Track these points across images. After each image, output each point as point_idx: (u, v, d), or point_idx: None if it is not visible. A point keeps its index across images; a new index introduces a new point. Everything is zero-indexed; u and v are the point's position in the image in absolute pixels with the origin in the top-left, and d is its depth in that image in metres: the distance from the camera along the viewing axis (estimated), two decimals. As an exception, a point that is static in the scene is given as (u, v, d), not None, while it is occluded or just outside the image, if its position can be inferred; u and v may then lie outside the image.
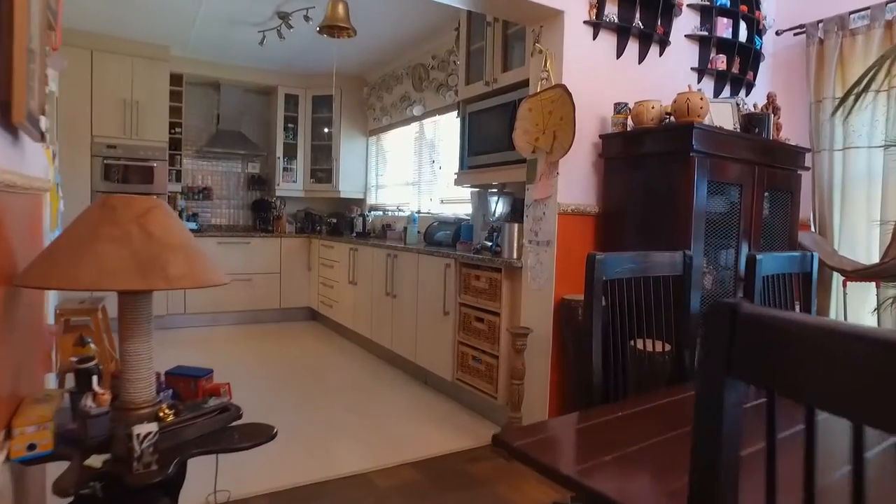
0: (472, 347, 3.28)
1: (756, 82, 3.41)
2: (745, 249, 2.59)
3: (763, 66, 3.46)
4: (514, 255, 2.97)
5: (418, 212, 5.24)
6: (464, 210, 4.47)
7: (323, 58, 5.58)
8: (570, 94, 2.56)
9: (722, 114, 2.61)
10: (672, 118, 2.56)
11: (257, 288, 5.80)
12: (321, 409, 3.31)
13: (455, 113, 4.29)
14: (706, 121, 2.44)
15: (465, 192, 4.34)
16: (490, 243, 3.19)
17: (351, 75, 6.14)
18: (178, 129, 5.64)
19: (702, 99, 2.36)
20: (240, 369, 4.05)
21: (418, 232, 4.53)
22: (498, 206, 3.80)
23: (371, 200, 6.29)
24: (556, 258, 2.67)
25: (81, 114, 4.96)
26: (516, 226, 2.96)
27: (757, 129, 2.64)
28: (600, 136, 2.76)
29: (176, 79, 5.61)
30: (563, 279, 2.71)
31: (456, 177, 3.75)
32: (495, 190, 3.81)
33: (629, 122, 2.69)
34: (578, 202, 2.75)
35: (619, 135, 2.67)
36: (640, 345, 1.70)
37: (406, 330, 3.99)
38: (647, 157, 2.54)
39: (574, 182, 2.73)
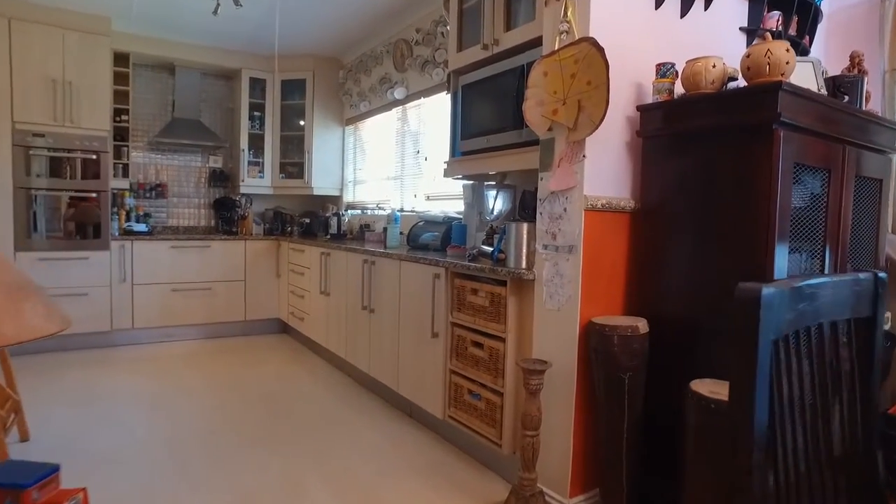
0: (468, 379, 2.61)
1: (812, 49, 2.78)
2: (829, 259, 1.96)
3: (819, 30, 2.84)
4: (523, 264, 2.31)
5: (401, 210, 4.56)
6: (454, 207, 3.80)
7: (292, 36, 4.88)
8: (601, 50, 1.90)
9: (800, 75, 1.96)
10: (737, 82, 1.91)
11: (218, 298, 5.08)
12: (279, 458, 2.62)
13: (444, 92, 3.62)
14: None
15: (456, 186, 3.68)
16: (490, 248, 2.52)
17: (325, 56, 5.44)
18: (124, 117, 4.90)
19: (788, 51, 1.71)
20: (184, 401, 3.34)
21: (401, 233, 3.85)
22: (497, 202, 3.13)
23: (348, 198, 5.59)
24: (583, 269, 2.01)
25: None
26: (525, 226, 2.30)
27: (847, 97, 2.00)
28: (638, 108, 2.11)
29: (122, 59, 4.88)
30: (590, 297, 2.05)
31: (446, 166, 3.08)
32: (493, 183, 3.15)
33: (677, 87, 2.04)
34: (610, 195, 2.09)
35: (665, 105, 2.01)
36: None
37: (386, 352, 3.31)
38: (706, 133, 1.88)
39: (604, 169, 2.07)
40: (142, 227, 4.90)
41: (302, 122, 5.47)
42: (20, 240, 4.32)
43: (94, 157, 4.52)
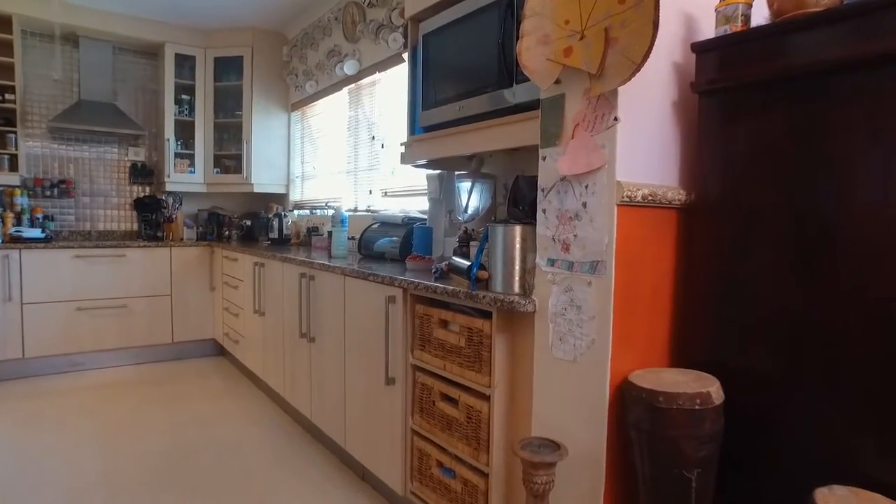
0: (437, 447, 1.85)
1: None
2: None
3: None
4: (516, 287, 1.55)
5: (354, 209, 3.78)
6: (419, 205, 3.04)
7: (226, 4, 4.04)
8: (645, -57, 1.16)
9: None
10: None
11: (138, 316, 4.20)
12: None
13: (402, 52, 2.86)
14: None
15: (420, 178, 2.92)
16: (464, 262, 1.76)
17: (266, 30, 4.60)
18: (9, 96, 3.98)
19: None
20: (68, 465, 2.49)
21: (350, 238, 3.07)
22: (471, 198, 2.38)
23: (295, 196, 4.77)
24: (615, 298, 1.27)
25: None
26: (518, 230, 1.54)
27: None
28: (693, 49, 1.38)
29: (3, 24, 3.95)
30: (625, 340, 1.31)
31: (403, 150, 2.32)
32: (465, 172, 2.40)
33: (755, 11, 1.32)
34: (653, 182, 1.35)
35: (741, 38, 1.29)
36: None
37: (330, 395, 2.53)
38: (820, 75, 1.16)
39: (645, 141, 1.34)
40: (35, 233, 3.99)
41: (240, 108, 4.62)
42: None
43: (-33, 145, 3.61)
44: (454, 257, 1.91)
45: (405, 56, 2.52)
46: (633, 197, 1.28)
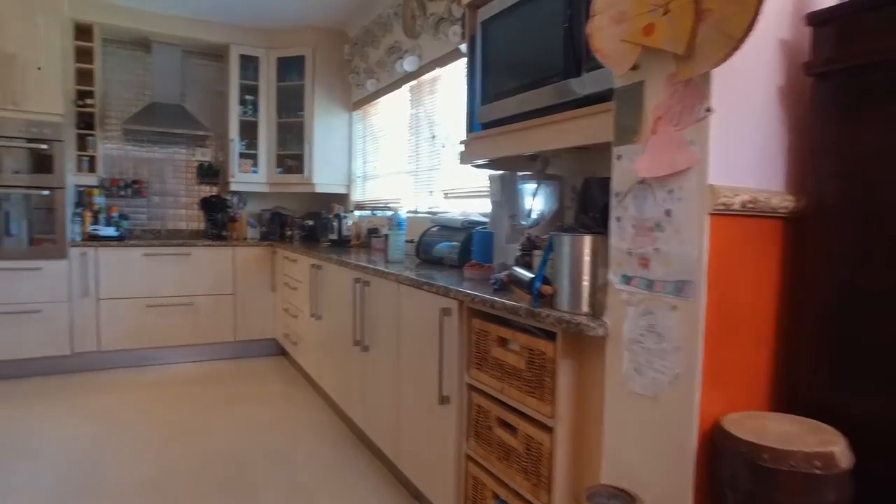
0: (493, 477, 1.68)
1: None
2: None
3: None
4: (585, 307, 1.35)
5: (414, 211, 3.65)
6: (481, 208, 2.87)
7: (288, 4, 4.02)
8: None
9: None
10: None
11: (202, 315, 4.26)
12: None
13: (463, 56, 2.70)
14: None
15: (483, 178, 2.75)
16: (526, 274, 1.58)
17: (327, 28, 4.56)
18: (90, 101, 4.12)
19: None
20: (125, 463, 2.49)
21: (408, 241, 2.93)
22: (535, 202, 2.19)
23: (357, 196, 4.71)
24: (706, 324, 1.05)
25: (-71, 75, 3.46)
26: (588, 241, 1.34)
27: None
28: (808, 19, 1.13)
29: (85, 32, 4.10)
30: (718, 376, 1.09)
31: (462, 149, 2.15)
32: (530, 173, 2.21)
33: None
34: (754, 186, 1.12)
35: (867, 5, 1.04)
36: None
37: (382, 408, 2.40)
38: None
39: (743, 136, 1.11)
40: (110, 231, 4.12)
41: (302, 108, 4.60)
42: (-42, 248, 3.58)
43: (45, 146, 3.74)
44: (515, 268, 1.73)
45: (463, 48, 2.35)
46: (730, 204, 1.05)
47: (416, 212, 3.63)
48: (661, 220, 1.13)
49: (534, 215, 2.21)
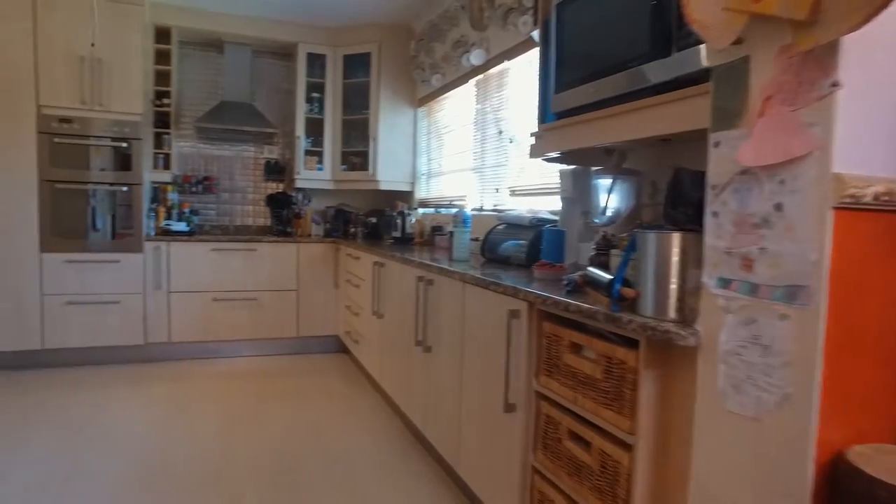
0: (562, 493, 1.55)
1: None
2: None
3: None
4: (672, 312, 1.21)
5: (479, 209, 3.55)
6: (551, 206, 2.74)
7: (357, 2, 4.02)
8: None
9: None
10: None
11: (266, 310, 4.33)
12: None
13: (532, 31, 2.59)
14: None
15: (552, 175, 2.63)
16: (604, 275, 1.45)
17: (393, 24, 4.53)
18: (166, 101, 4.26)
19: None
20: (188, 455, 2.52)
21: (472, 240, 2.84)
22: (611, 198, 2.04)
23: (421, 193, 4.66)
24: (826, 337, 0.90)
25: (21, 77, 3.66)
26: (677, 239, 1.20)
27: None
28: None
29: (164, 35, 4.25)
30: (840, 399, 0.93)
31: (533, 142, 2.03)
32: (602, 168, 2.06)
33: None
34: (891, 175, 0.95)
35: None
36: None
37: (443, 412, 2.32)
38: None
39: (875, 118, 0.94)
40: (181, 227, 4.24)
41: (367, 105, 4.59)
42: (46, 240, 3.77)
43: (125, 145, 3.89)
44: (590, 268, 1.60)
45: (535, 35, 2.24)
46: (860, 196, 0.89)
47: (480, 209, 3.53)
48: (770, 215, 0.98)
49: (608, 212, 2.06)
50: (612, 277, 1.40)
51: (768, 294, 0.98)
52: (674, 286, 1.22)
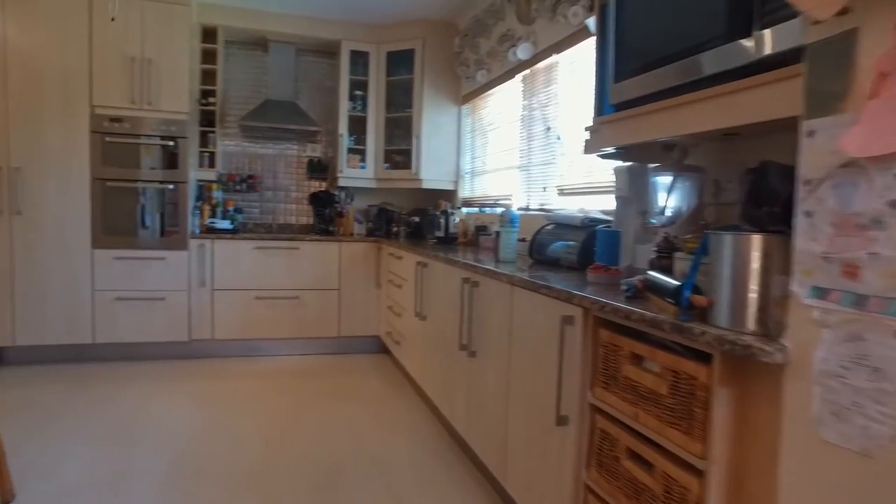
0: (619, 517, 1.43)
1: None
2: None
3: None
4: (750, 323, 1.08)
5: (525, 208, 3.43)
6: (600, 205, 2.60)
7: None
8: None
9: None
10: None
11: (308, 309, 4.31)
12: None
13: (582, 40, 2.46)
14: None
15: (603, 173, 2.49)
16: (670, 280, 1.32)
17: (437, 20, 4.45)
18: (212, 100, 4.30)
19: None
20: (228, 455, 2.50)
21: (520, 240, 2.72)
22: (671, 197, 1.89)
23: (464, 192, 4.56)
24: (955, 363, 0.76)
25: (77, 78, 3.73)
26: (758, 240, 1.07)
27: None
28: None
29: (211, 35, 4.28)
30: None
31: (588, 137, 1.91)
32: (663, 164, 1.91)
33: None
34: None
35: None
36: None
37: (488, 420, 2.21)
38: None
39: None
40: (225, 225, 4.27)
41: (410, 102, 4.53)
42: (97, 236, 3.85)
43: (172, 143, 3.93)
44: (652, 272, 1.47)
45: (589, 22, 2.11)
46: None
47: (526, 209, 3.41)
48: (882, 214, 0.84)
49: (668, 212, 1.92)
50: (679, 283, 1.27)
51: (880, 307, 0.84)
52: (754, 295, 1.09)
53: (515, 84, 3.64)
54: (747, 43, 1.16)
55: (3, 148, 3.64)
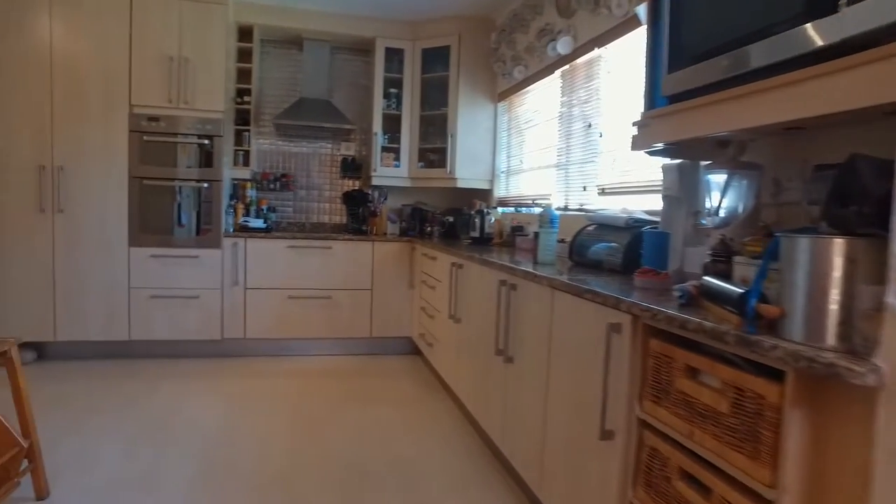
0: (671, 543, 1.31)
1: None
2: None
3: None
4: (828, 336, 0.95)
5: (563, 208, 3.31)
6: (644, 205, 2.47)
7: (431, -12, 3.89)
8: None
9: None
10: None
11: (340, 308, 4.27)
12: None
13: (626, 32, 2.34)
14: None
15: (647, 171, 2.36)
16: (731, 287, 1.20)
17: (473, 16, 4.36)
18: (247, 98, 4.30)
19: None
20: (257, 454, 2.46)
21: (559, 241, 2.61)
22: (725, 197, 1.76)
23: (500, 192, 4.46)
24: None
25: (117, 78, 3.77)
26: (840, 245, 0.95)
27: None
28: None
29: (246, 34, 4.29)
30: None
31: (636, 132, 1.79)
32: (717, 161, 1.78)
33: None
34: None
35: None
36: None
37: (525, 429, 2.11)
38: None
39: None
40: (258, 223, 4.26)
41: (445, 100, 4.45)
42: (134, 235, 3.88)
43: (208, 142, 3.94)
44: (708, 277, 1.35)
45: (639, 10, 1.99)
46: None
47: (565, 209, 3.29)
48: None
49: (722, 213, 1.79)
50: (744, 290, 1.15)
51: None
52: (834, 306, 0.97)
53: (554, 80, 3.53)
54: (831, 21, 1.04)
55: (48, 147, 3.70)
